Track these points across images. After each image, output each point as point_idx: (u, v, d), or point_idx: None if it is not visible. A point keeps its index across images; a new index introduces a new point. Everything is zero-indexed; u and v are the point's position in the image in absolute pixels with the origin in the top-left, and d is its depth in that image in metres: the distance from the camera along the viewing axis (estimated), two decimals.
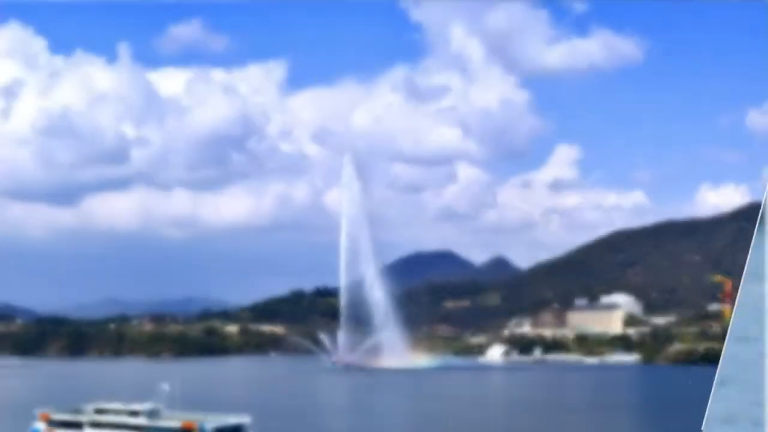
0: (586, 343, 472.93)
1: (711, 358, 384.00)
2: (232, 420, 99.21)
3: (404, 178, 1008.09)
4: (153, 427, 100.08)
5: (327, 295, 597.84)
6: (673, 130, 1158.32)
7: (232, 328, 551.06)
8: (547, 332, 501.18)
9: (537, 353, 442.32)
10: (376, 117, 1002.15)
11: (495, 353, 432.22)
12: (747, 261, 24.08)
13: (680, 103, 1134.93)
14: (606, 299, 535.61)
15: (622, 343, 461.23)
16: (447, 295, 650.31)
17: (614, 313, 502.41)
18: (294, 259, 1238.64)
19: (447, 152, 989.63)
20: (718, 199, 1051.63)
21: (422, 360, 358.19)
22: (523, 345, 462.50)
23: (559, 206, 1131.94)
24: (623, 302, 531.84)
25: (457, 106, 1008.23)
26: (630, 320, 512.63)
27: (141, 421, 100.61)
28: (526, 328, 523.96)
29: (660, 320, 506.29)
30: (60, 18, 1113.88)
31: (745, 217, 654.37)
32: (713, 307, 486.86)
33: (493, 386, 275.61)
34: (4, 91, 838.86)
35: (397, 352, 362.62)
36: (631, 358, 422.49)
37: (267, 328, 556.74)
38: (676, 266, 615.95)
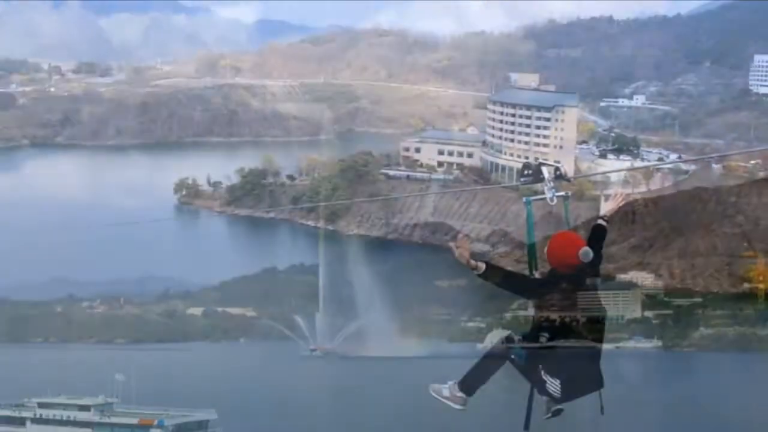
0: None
1: (743, 345, 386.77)
2: (196, 415, 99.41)
3: None
4: (105, 423, 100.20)
5: (304, 272, 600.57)
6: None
7: (195, 311, 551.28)
8: (555, 315, 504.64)
9: (543, 339, 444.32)
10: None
11: (496, 339, 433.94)
12: None
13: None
14: (620, 275, 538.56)
15: (640, 327, 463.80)
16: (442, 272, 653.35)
17: (630, 293, 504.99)
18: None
19: None
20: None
21: (413, 347, 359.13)
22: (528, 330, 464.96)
23: None
24: (640, 280, 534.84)
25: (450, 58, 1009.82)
26: (649, 301, 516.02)
27: (91, 416, 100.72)
28: (531, 311, 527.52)
29: (683, 301, 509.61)
30: None
31: None
32: (746, 285, 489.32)
33: (493, 377, 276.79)
34: None
35: (384, 338, 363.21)
36: (650, 344, 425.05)
37: (236, 310, 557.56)
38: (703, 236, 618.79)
